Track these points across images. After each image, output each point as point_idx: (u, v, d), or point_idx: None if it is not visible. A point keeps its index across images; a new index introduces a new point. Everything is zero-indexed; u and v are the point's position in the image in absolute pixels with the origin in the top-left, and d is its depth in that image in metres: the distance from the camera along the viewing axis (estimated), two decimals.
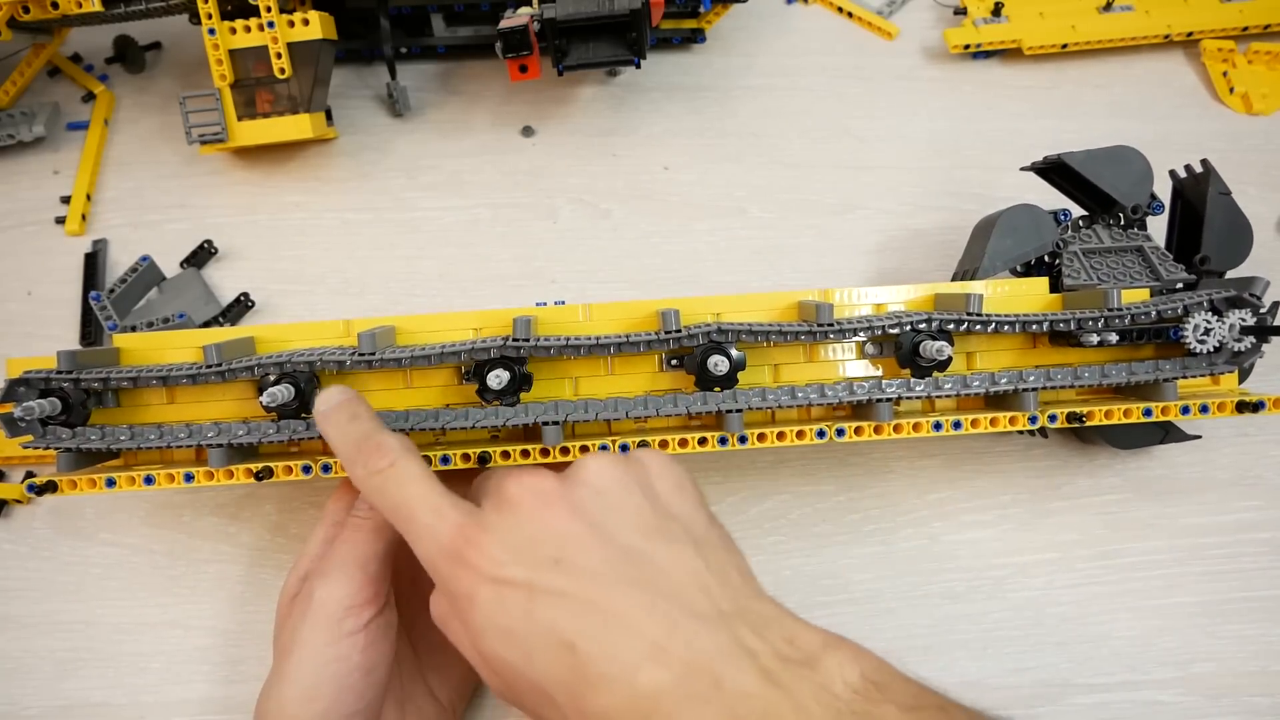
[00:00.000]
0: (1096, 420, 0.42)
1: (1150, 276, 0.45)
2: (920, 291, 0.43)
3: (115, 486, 0.40)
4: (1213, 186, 0.46)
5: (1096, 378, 0.42)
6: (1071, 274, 0.46)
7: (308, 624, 0.36)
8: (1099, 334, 0.41)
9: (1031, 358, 0.44)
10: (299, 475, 0.40)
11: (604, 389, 0.42)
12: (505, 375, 0.38)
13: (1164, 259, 0.46)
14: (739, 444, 0.40)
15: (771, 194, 0.58)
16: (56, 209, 0.57)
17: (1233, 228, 0.46)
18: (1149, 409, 0.42)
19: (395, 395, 0.42)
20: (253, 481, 0.39)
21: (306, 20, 0.52)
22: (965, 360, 0.44)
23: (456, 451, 0.40)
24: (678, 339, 0.39)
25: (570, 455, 0.40)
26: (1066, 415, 0.41)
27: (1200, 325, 0.42)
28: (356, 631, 0.36)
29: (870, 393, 0.41)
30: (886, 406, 0.41)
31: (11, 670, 0.47)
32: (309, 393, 0.39)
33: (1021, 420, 0.41)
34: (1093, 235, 0.47)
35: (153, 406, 0.42)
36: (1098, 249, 0.46)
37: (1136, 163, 0.47)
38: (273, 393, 0.38)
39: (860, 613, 0.48)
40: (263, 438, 0.39)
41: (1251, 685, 0.47)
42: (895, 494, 0.51)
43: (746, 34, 0.63)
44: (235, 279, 0.55)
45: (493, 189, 0.58)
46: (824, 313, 0.39)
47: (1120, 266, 0.46)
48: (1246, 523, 0.50)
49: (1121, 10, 0.62)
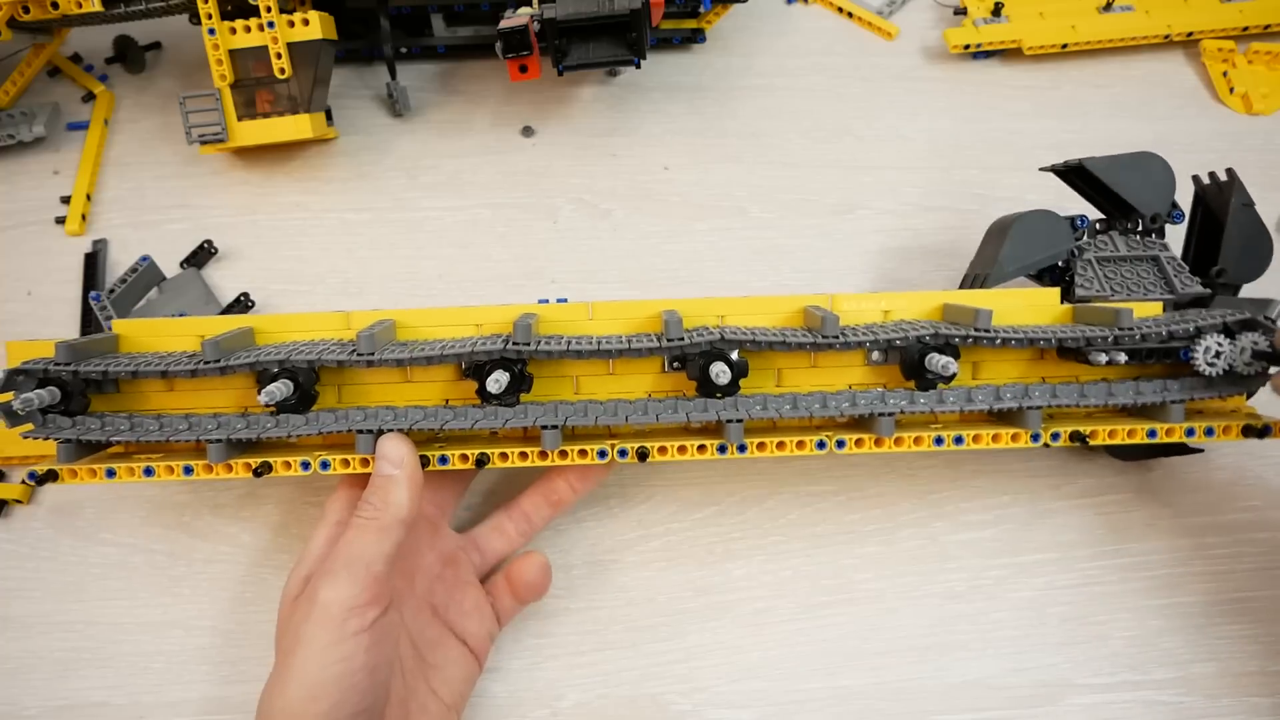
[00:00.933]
0: (1100, 440, 0.41)
1: (1164, 288, 0.44)
2: (930, 301, 0.43)
3: (115, 477, 0.39)
4: (1236, 197, 0.45)
5: (1103, 397, 0.41)
6: (1084, 283, 0.45)
7: (312, 624, 0.36)
8: (1108, 353, 0.40)
9: (1038, 370, 0.43)
10: (298, 471, 0.40)
11: (605, 389, 0.42)
12: (505, 378, 0.38)
13: (1179, 270, 0.45)
14: (738, 453, 0.40)
15: (771, 194, 0.58)
16: (56, 209, 0.57)
17: (1253, 240, 0.45)
18: (1153, 430, 0.41)
19: (394, 390, 0.42)
20: (251, 476, 0.39)
21: (306, 20, 0.52)
22: (970, 370, 0.43)
23: (455, 451, 0.40)
24: (680, 347, 0.39)
25: (569, 459, 0.40)
26: (1070, 434, 0.41)
27: (1212, 347, 0.40)
28: (361, 631, 0.36)
29: (873, 406, 0.40)
30: (889, 421, 0.40)
31: (11, 670, 0.47)
32: (308, 387, 0.39)
33: (1024, 438, 0.40)
34: (1108, 243, 0.46)
35: (153, 394, 0.42)
36: (1112, 257, 0.45)
37: (1159, 171, 0.46)
38: (271, 390, 0.37)
39: (860, 613, 0.48)
40: (261, 433, 0.39)
41: (1251, 685, 0.47)
42: (895, 494, 0.51)
43: (746, 34, 0.63)
44: (235, 279, 0.55)
45: (493, 189, 0.58)
46: (830, 324, 0.39)
47: (1134, 276, 0.45)
48: (1246, 523, 0.50)
49: (1121, 10, 0.62)
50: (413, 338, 0.42)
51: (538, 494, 0.46)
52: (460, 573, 0.44)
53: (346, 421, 0.39)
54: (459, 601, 0.44)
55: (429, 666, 0.42)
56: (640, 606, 0.49)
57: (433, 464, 0.40)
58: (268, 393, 0.37)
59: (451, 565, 0.44)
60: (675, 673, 0.47)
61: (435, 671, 0.42)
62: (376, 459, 0.39)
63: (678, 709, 0.47)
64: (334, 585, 0.37)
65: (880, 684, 0.47)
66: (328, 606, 0.36)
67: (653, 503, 0.50)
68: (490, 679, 0.47)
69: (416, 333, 0.42)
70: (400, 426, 0.39)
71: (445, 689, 0.42)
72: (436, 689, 0.42)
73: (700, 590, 0.49)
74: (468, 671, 0.43)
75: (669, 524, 0.50)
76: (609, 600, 0.49)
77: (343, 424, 0.39)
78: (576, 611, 0.48)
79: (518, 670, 0.47)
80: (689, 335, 0.39)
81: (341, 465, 0.39)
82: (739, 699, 0.47)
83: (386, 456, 0.39)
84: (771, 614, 0.48)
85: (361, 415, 0.40)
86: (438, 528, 0.45)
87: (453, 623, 0.43)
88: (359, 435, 0.39)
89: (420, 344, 0.40)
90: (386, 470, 0.39)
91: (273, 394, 0.37)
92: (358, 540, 0.38)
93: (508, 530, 0.46)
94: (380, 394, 0.42)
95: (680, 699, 0.47)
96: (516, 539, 0.47)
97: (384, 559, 0.38)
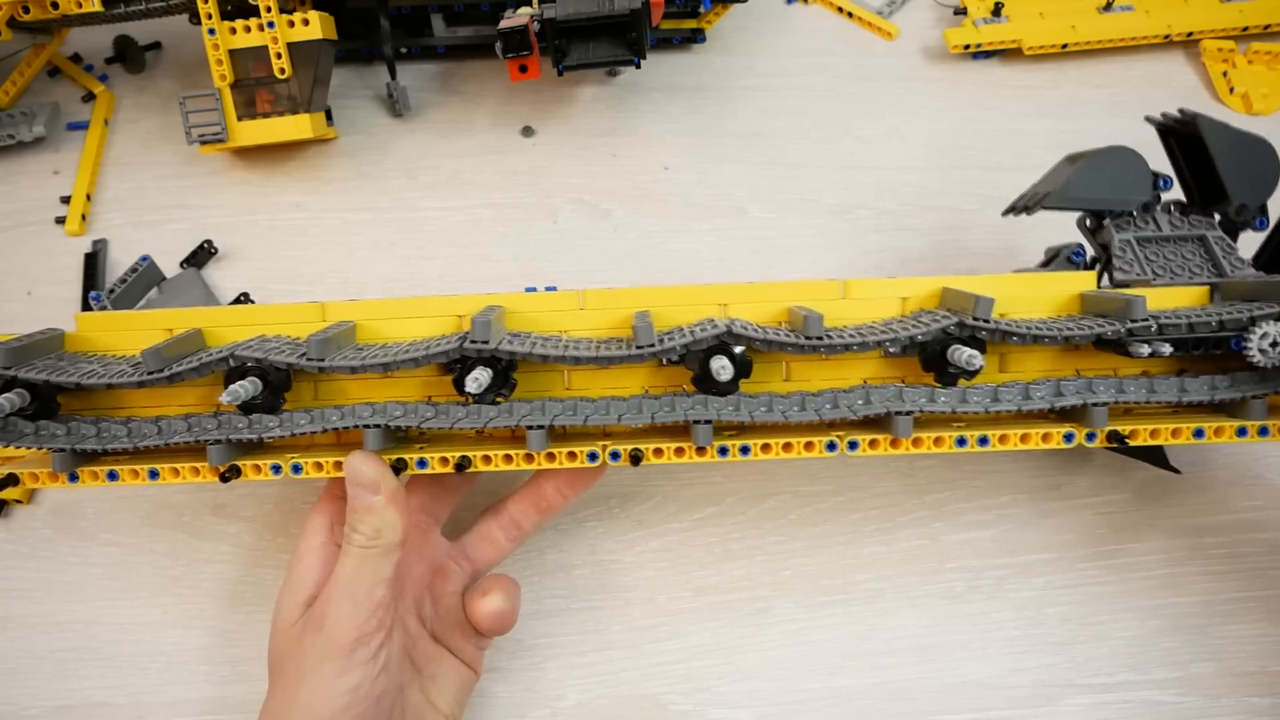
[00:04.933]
0: (1141, 440, 0.37)
1: (1211, 271, 0.40)
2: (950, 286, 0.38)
3: (79, 482, 0.38)
4: (1205, 126, 0.41)
5: (1143, 393, 0.37)
6: (1123, 266, 0.41)
7: (318, 654, 0.36)
8: (1150, 343, 0.36)
9: (1072, 362, 0.39)
10: (268, 475, 0.38)
11: (598, 384, 0.39)
12: (486, 376, 0.35)
13: (1229, 251, 0.40)
14: (740, 455, 0.37)
15: (771, 194, 0.58)
16: (56, 209, 0.57)
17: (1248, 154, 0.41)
18: (1200, 429, 0.37)
19: (373, 386, 0.39)
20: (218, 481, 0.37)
21: (306, 20, 0.52)
22: (996, 363, 0.39)
23: (434, 454, 0.38)
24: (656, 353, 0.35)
25: (557, 462, 0.37)
26: (1107, 434, 0.37)
27: (1270, 335, 0.35)
28: (368, 660, 0.36)
29: (889, 404, 0.37)
30: (907, 420, 0.36)
31: (12, 670, 0.47)
32: (278, 385, 0.37)
33: (1056, 438, 0.37)
34: (1149, 221, 0.42)
35: (124, 393, 0.39)
36: (1154, 237, 0.41)
37: (1124, 161, 0.42)
38: (235, 390, 0.35)
39: (860, 613, 0.48)
40: (232, 434, 0.37)
41: (1251, 685, 0.47)
42: (895, 494, 0.51)
43: (746, 34, 0.63)
44: (235, 279, 0.55)
45: (493, 189, 0.58)
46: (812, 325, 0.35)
47: (1178, 258, 0.41)
48: (1246, 523, 0.50)
49: (1121, 10, 0.62)
50: (392, 329, 0.39)
51: (525, 500, 0.44)
52: (450, 583, 0.43)
53: (322, 421, 0.37)
54: (451, 612, 0.43)
55: (425, 679, 0.41)
56: (640, 606, 0.49)
57: (410, 468, 0.37)
58: (230, 392, 0.35)
59: (441, 575, 0.43)
60: (675, 673, 0.47)
61: (431, 683, 0.42)
62: (350, 483, 0.37)
63: (678, 709, 0.47)
64: (340, 615, 0.36)
65: (880, 684, 0.47)
66: (333, 637, 0.36)
67: (653, 503, 0.50)
68: (491, 679, 0.47)
69: (395, 324, 0.39)
70: (375, 423, 0.37)
71: (443, 699, 0.42)
72: (434, 700, 0.41)
73: (700, 590, 0.49)
74: (464, 680, 0.43)
75: (669, 524, 0.50)
76: (609, 600, 0.49)
77: (318, 424, 0.37)
78: (576, 611, 0.48)
79: (518, 670, 0.47)
80: (691, 331, 0.36)
81: (315, 469, 0.38)
82: (739, 699, 0.47)
83: (360, 482, 0.37)
84: (771, 614, 0.48)
85: (339, 414, 0.37)
86: (427, 536, 0.43)
87: (443, 635, 0.43)
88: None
89: (375, 349, 0.38)
90: (365, 499, 0.37)
91: (236, 394, 0.35)
92: (357, 569, 0.37)
93: (497, 538, 0.44)
94: (359, 391, 0.39)
95: (680, 699, 0.47)
96: (507, 546, 0.45)
97: (386, 584, 0.37)
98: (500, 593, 0.42)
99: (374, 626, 0.37)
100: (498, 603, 0.42)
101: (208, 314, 0.40)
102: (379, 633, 0.37)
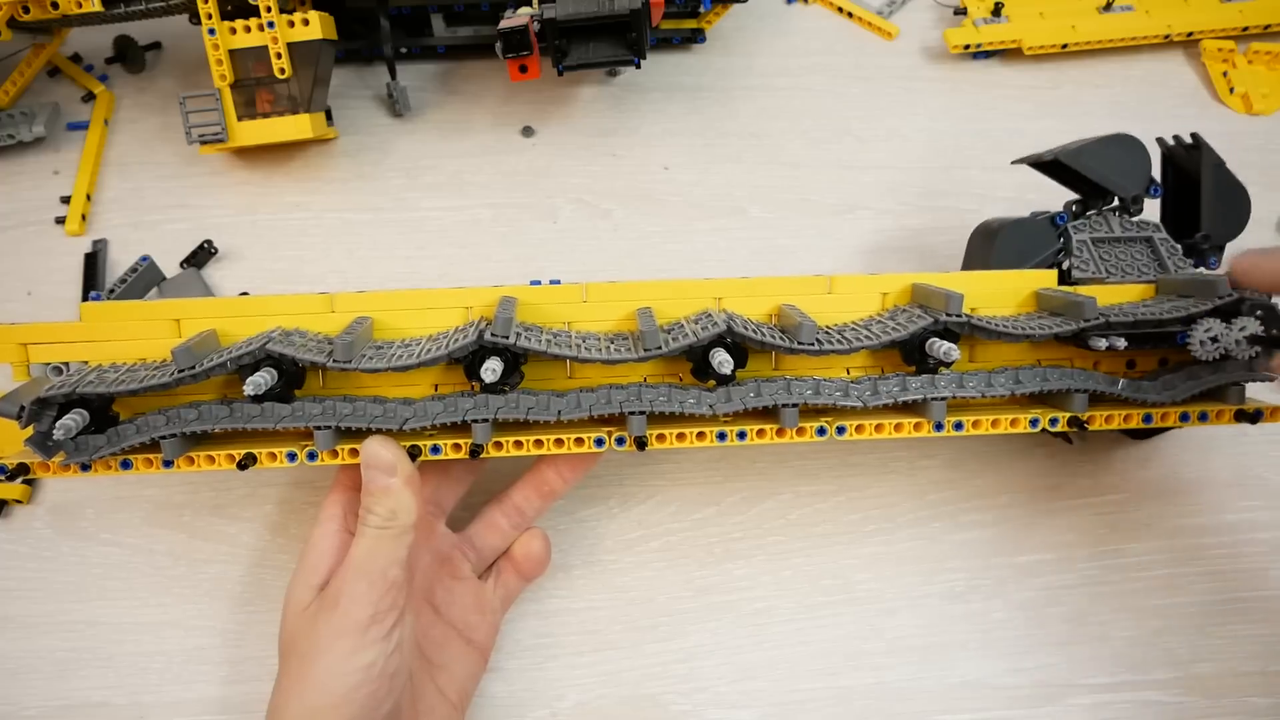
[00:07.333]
0: (1097, 425, 0.41)
1: (1158, 270, 0.45)
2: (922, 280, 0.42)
3: (90, 471, 0.38)
4: (1206, 157, 0.45)
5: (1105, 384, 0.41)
6: (1081, 264, 0.45)
7: (333, 632, 0.36)
8: (1107, 337, 0.40)
9: (1034, 354, 0.43)
10: (283, 463, 0.38)
11: (601, 373, 0.41)
12: (500, 366, 0.37)
13: (1173, 252, 0.45)
14: (738, 440, 0.39)
15: (771, 194, 0.58)
16: (56, 209, 0.57)
17: (1230, 198, 0.45)
18: (1149, 415, 0.41)
19: (383, 377, 0.40)
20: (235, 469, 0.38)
21: (306, 20, 0.52)
22: (967, 353, 0.42)
23: (447, 440, 0.39)
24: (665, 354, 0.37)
25: (565, 448, 0.39)
26: (1068, 420, 0.41)
27: (1211, 330, 0.39)
28: (382, 638, 0.37)
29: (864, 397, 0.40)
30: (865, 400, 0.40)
31: (12, 670, 0.47)
32: (293, 375, 0.38)
33: (1023, 422, 0.41)
34: (1103, 223, 0.46)
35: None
36: (1107, 238, 0.46)
37: (1132, 151, 0.46)
38: (256, 381, 0.36)
39: (860, 613, 0.48)
40: (246, 423, 0.38)
41: (1251, 685, 0.47)
42: (895, 494, 0.51)
43: (746, 34, 0.63)
44: (235, 279, 0.55)
45: (493, 189, 0.58)
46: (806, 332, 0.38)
47: (1129, 258, 0.45)
48: (1246, 523, 0.50)
49: (1121, 10, 0.62)
50: (399, 323, 0.40)
51: (528, 486, 0.45)
52: (458, 570, 0.44)
53: (334, 416, 0.38)
54: (459, 598, 0.44)
55: (434, 667, 0.42)
56: (640, 606, 0.49)
57: (424, 454, 0.39)
58: (252, 383, 0.36)
59: (448, 564, 0.44)
60: (675, 673, 0.47)
61: (441, 671, 0.42)
62: (366, 467, 0.38)
63: (678, 709, 0.47)
64: (354, 593, 0.37)
65: (880, 684, 0.47)
66: (348, 615, 0.36)
67: (653, 503, 0.50)
68: (491, 679, 0.47)
69: (402, 317, 0.40)
70: (389, 426, 0.38)
71: (452, 688, 0.42)
72: (443, 688, 0.42)
73: (700, 590, 0.49)
74: (473, 669, 0.43)
75: (669, 524, 0.50)
76: (609, 600, 0.49)
77: (329, 418, 0.38)
78: (576, 611, 0.48)
79: (518, 670, 0.47)
80: (693, 331, 0.38)
81: (330, 456, 0.38)
82: (739, 699, 0.47)
83: (377, 465, 0.38)
84: (771, 614, 0.48)
85: (350, 408, 0.38)
86: (433, 527, 0.44)
87: (454, 620, 0.43)
88: (317, 432, 0.38)
89: (396, 347, 0.39)
90: (381, 481, 0.38)
91: (258, 384, 0.36)
92: (372, 549, 0.38)
93: (501, 525, 0.46)
94: (370, 380, 0.40)
95: (680, 699, 0.47)
96: (510, 533, 0.46)
97: (400, 564, 0.38)
98: (543, 539, 0.46)
99: (388, 605, 0.37)
100: (543, 533, 0.46)
101: (214, 305, 0.40)
102: (392, 612, 0.37)
